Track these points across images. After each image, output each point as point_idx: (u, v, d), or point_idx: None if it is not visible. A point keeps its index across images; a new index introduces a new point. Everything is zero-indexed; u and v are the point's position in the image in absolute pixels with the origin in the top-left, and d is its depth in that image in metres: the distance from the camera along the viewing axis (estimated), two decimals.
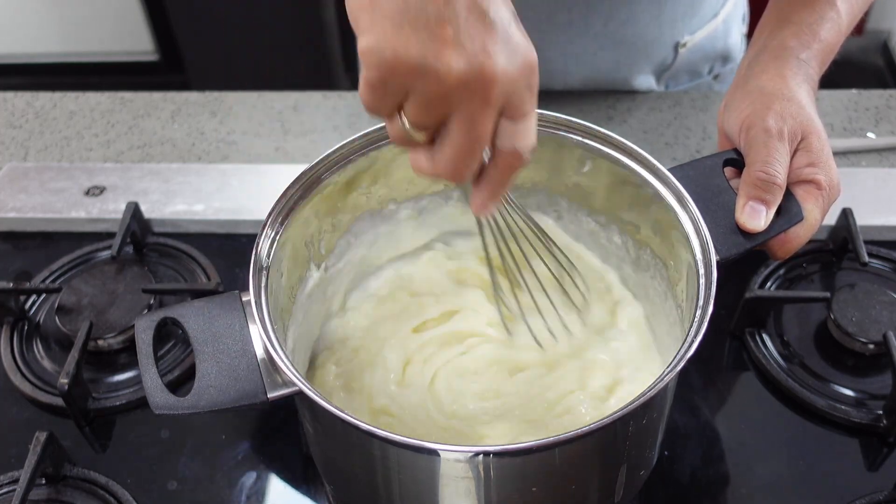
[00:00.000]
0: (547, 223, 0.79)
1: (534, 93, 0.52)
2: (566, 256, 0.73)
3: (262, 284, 0.62)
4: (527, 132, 0.53)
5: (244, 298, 0.61)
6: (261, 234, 0.64)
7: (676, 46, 1.06)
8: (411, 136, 0.52)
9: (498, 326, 0.75)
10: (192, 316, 0.61)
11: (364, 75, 0.50)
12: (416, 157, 0.54)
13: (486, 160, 0.53)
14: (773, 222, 0.67)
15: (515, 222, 0.68)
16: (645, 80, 1.09)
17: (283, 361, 0.57)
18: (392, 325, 0.76)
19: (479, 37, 0.48)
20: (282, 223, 0.66)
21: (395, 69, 0.48)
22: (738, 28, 1.13)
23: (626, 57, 1.05)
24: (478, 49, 0.48)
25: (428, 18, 0.48)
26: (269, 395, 0.57)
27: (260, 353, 0.59)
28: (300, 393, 0.56)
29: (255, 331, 0.59)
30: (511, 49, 0.50)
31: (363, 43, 0.49)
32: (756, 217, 0.66)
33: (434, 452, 0.55)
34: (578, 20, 1.00)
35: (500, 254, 0.69)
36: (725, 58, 1.13)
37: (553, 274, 0.74)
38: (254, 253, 0.63)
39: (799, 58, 0.75)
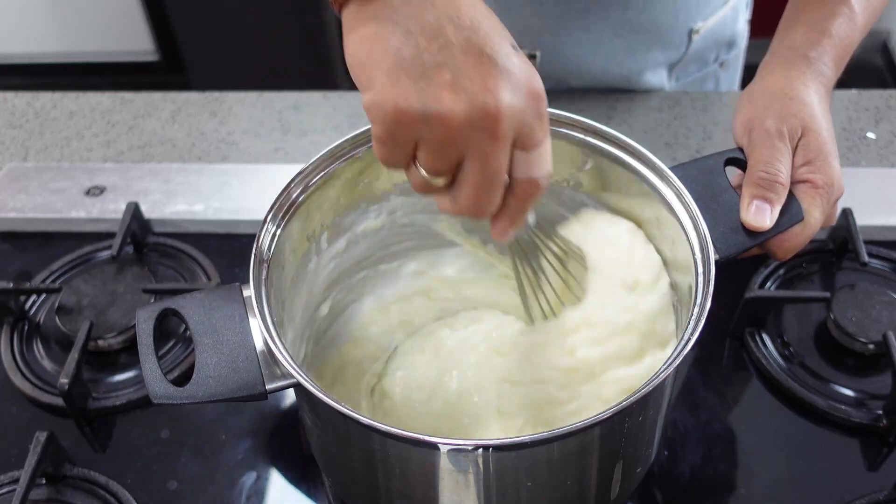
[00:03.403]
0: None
1: (544, 121, 0.53)
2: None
3: (263, 277, 0.62)
4: (542, 160, 0.53)
5: (245, 291, 0.62)
6: (262, 227, 0.64)
7: (690, 33, 1.06)
8: (431, 183, 0.52)
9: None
10: (192, 307, 0.62)
11: (372, 131, 0.50)
12: (440, 199, 0.54)
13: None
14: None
15: (538, 242, 0.70)
16: (657, 75, 1.09)
17: (281, 353, 0.57)
18: (397, 320, 0.76)
19: (479, 75, 0.49)
20: (284, 216, 0.66)
21: (399, 121, 0.49)
22: (744, 14, 1.14)
23: (641, 45, 1.05)
24: (478, 88, 0.49)
25: (424, 66, 0.48)
26: (268, 387, 0.58)
27: (259, 345, 0.59)
28: (298, 385, 0.56)
29: (255, 323, 0.60)
30: (514, 82, 0.50)
31: (366, 99, 0.50)
32: (762, 215, 0.66)
33: (433, 446, 0.55)
34: (595, 8, 1.00)
35: (524, 273, 0.71)
36: (731, 44, 1.13)
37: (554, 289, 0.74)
38: (255, 245, 0.63)
39: (808, 56, 0.74)
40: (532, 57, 1.06)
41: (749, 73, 0.79)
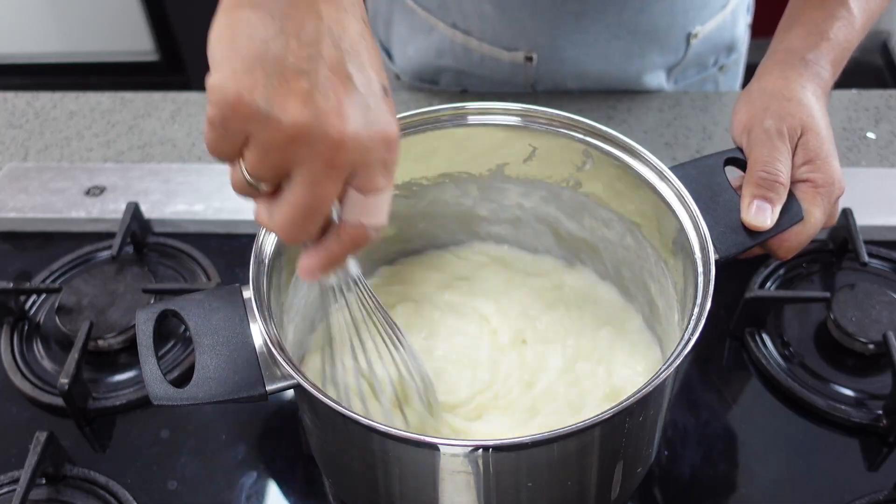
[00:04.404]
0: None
1: (389, 169, 0.50)
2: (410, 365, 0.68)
3: (263, 278, 0.62)
4: (376, 209, 0.51)
5: (244, 292, 0.62)
6: (262, 228, 0.64)
7: (688, 37, 1.06)
8: (251, 186, 0.49)
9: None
10: (192, 308, 0.62)
11: (207, 113, 0.47)
12: (258, 207, 0.51)
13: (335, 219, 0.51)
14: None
15: (364, 307, 0.63)
16: (655, 78, 1.09)
17: (281, 354, 0.57)
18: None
19: (336, 97, 0.46)
20: None
21: (237, 110, 0.46)
22: (744, 18, 1.14)
23: (638, 48, 1.05)
24: (330, 108, 0.46)
25: (284, 67, 0.46)
26: (268, 388, 0.58)
27: (259, 345, 0.59)
28: (298, 386, 0.56)
29: (255, 324, 0.60)
30: (370, 118, 0.48)
31: (211, 78, 0.47)
32: (762, 215, 0.66)
33: (433, 447, 0.55)
34: (591, 9, 1.00)
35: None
36: (730, 48, 1.13)
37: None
38: (255, 246, 0.63)
39: (805, 58, 0.74)
40: (528, 59, 1.06)
41: (750, 76, 0.79)
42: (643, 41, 1.04)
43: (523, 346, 0.75)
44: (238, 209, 0.96)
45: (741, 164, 0.71)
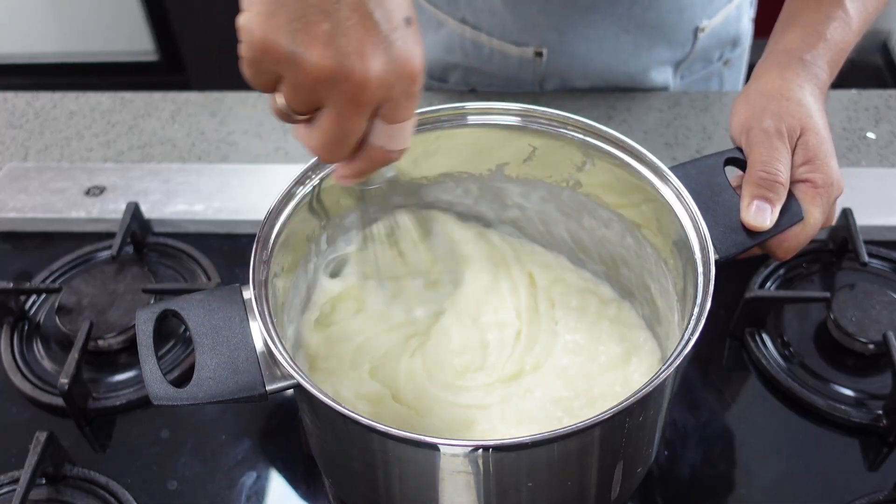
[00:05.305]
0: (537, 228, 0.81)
1: (412, 100, 0.53)
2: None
3: (263, 278, 0.62)
4: (400, 136, 0.55)
5: (245, 292, 0.62)
6: (262, 228, 0.64)
7: (696, 31, 1.06)
8: (288, 114, 0.53)
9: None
10: (192, 308, 0.62)
11: (240, 50, 0.51)
12: (296, 128, 0.55)
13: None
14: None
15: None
16: (662, 73, 1.09)
17: (281, 354, 0.57)
18: (382, 316, 0.76)
19: (357, 38, 0.48)
20: (284, 218, 0.66)
21: (265, 53, 0.49)
22: (748, 13, 1.14)
23: (647, 42, 1.05)
24: (351, 49, 0.48)
25: (306, 9, 0.48)
26: (268, 388, 0.58)
27: (259, 345, 0.59)
28: (298, 386, 0.56)
29: (255, 324, 0.60)
30: (391, 55, 0.50)
31: (241, 18, 0.50)
32: (762, 215, 0.66)
33: (433, 447, 0.55)
34: (601, 4, 1.00)
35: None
36: (735, 42, 1.13)
37: None
38: (255, 247, 0.63)
39: (803, 59, 0.75)
40: (538, 54, 1.06)
41: (751, 74, 0.79)
42: (652, 35, 1.05)
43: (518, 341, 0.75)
44: (238, 209, 0.96)
45: (741, 164, 0.71)
